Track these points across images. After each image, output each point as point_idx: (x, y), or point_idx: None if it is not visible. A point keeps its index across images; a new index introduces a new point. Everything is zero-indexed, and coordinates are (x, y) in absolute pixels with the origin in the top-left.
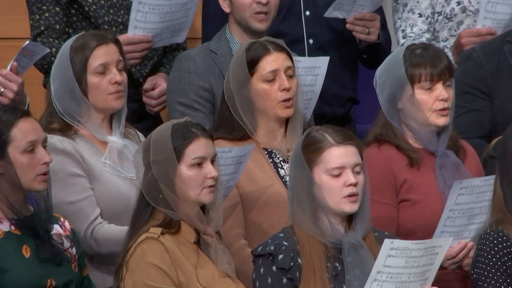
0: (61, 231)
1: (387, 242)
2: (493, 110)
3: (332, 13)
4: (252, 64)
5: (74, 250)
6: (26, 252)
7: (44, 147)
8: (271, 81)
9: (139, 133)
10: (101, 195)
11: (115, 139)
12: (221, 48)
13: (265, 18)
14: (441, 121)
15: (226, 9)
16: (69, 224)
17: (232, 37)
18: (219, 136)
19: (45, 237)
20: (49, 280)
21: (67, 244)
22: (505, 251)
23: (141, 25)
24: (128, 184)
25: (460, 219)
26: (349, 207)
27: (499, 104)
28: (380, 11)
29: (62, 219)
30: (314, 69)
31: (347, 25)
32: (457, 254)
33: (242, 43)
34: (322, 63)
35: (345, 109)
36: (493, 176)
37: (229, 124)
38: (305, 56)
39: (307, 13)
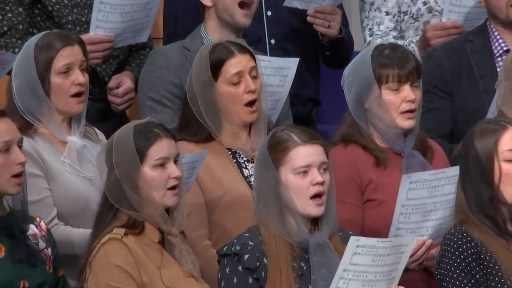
0: (37, 231)
1: (353, 239)
2: (454, 109)
3: (291, 2)
4: (216, 67)
5: (49, 251)
6: (1, 251)
7: (20, 147)
8: (236, 84)
9: (98, 132)
10: (60, 195)
11: (74, 139)
12: (194, 45)
13: (249, 13)
14: (407, 123)
15: (208, 2)
16: (45, 224)
17: (207, 34)
18: (183, 137)
19: (20, 237)
20: (22, 282)
21: (42, 244)
22: (469, 251)
23: (103, 24)
24: (87, 184)
25: (415, 215)
26: (315, 211)
27: (460, 103)
28: (340, 9)
29: (38, 219)
30: (282, 69)
31: (308, 18)
32: (416, 252)
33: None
34: (291, 64)
35: (306, 109)
36: (443, 170)
37: (192, 127)
38: (266, 56)
39: (269, 13)
